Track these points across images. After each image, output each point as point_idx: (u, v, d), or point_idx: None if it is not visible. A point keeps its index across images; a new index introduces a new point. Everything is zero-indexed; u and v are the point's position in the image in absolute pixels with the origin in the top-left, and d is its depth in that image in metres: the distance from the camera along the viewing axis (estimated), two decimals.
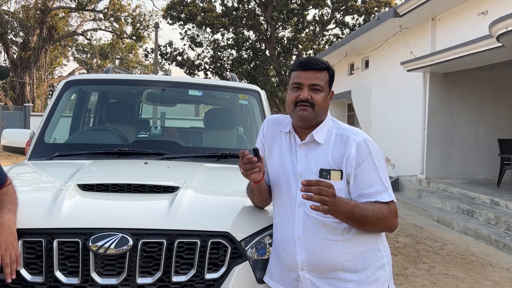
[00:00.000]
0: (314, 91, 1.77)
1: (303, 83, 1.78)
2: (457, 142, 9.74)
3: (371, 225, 1.70)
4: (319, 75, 1.78)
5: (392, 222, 1.75)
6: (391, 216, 1.73)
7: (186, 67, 26.94)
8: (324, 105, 1.80)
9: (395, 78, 11.07)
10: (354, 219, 1.67)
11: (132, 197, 2.08)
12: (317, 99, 1.77)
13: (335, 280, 1.72)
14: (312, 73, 1.78)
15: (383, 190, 1.73)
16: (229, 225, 1.91)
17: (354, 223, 1.69)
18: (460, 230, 6.91)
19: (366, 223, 1.68)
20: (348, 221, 1.69)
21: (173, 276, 1.80)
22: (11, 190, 1.87)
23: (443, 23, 9.32)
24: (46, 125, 3.17)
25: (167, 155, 2.91)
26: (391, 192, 1.75)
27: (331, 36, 27.34)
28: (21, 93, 26.94)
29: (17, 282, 1.75)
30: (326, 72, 1.81)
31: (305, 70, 1.79)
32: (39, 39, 27.14)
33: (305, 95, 1.76)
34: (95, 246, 1.75)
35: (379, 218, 1.69)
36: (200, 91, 3.47)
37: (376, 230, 1.76)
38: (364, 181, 1.72)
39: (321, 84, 1.78)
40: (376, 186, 1.72)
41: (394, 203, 1.75)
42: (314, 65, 1.78)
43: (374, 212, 1.69)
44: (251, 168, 1.74)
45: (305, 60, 1.82)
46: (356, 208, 1.67)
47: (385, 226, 1.74)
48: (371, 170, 1.72)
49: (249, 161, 1.73)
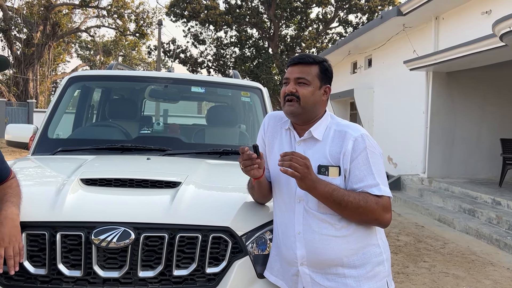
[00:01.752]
0: (299, 84, 1.79)
1: (290, 77, 1.81)
2: (460, 141, 9.74)
3: (353, 212, 1.70)
4: (306, 69, 1.79)
5: (380, 216, 1.72)
6: (378, 209, 1.71)
7: (189, 64, 26.96)
8: (311, 98, 1.79)
9: (398, 77, 11.06)
10: (334, 201, 1.67)
11: (134, 192, 2.10)
12: (302, 92, 1.77)
13: (334, 276, 1.74)
14: (299, 67, 1.80)
15: (374, 184, 1.72)
16: (230, 220, 1.93)
17: (335, 206, 1.69)
18: (461, 229, 6.92)
19: (346, 208, 1.68)
20: (328, 203, 1.69)
21: (174, 270, 1.82)
22: (15, 183, 1.88)
23: (446, 22, 9.30)
24: (49, 120, 3.19)
25: (169, 151, 2.93)
26: (383, 187, 1.73)
27: (335, 34, 27.31)
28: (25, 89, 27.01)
29: (20, 274, 1.78)
30: (316, 66, 1.81)
31: (293, 65, 1.82)
32: (43, 36, 27.20)
33: (289, 89, 1.78)
34: (98, 240, 1.77)
35: (361, 207, 1.68)
36: (202, 88, 3.49)
37: (361, 220, 1.74)
38: (355, 175, 1.73)
39: (307, 78, 1.79)
40: (367, 181, 1.72)
41: (386, 198, 1.73)
42: (301, 59, 1.80)
43: (356, 199, 1.68)
44: (250, 164, 1.76)
45: (295, 56, 1.85)
46: (337, 191, 1.68)
47: (370, 218, 1.73)
48: (364, 165, 1.73)
49: (249, 158, 1.75)
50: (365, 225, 1.77)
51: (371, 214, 1.71)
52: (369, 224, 1.77)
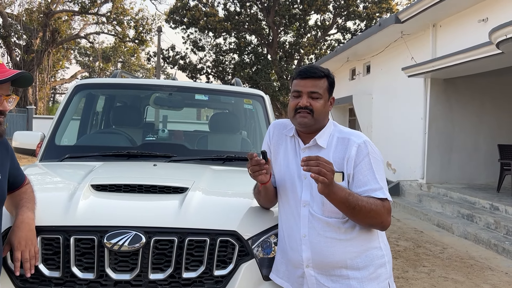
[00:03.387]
0: (312, 98, 1.86)
1: (302, 90, 1.87)
2: (458, 147, 9.83)
3: (364, 216, 1.76)
4: (318, 83, 1.87)
5: (385, 219, 1.80)
6: (384, 212, 1.79)
7: (188, 71, 27.07)
8: (323, 111, 1.88)
9: (396, 83, 11.16)
10: (349, 206, 1.73)
11: (144, 197, 2.16)
12: (316, 106, 1.85)
13: (338, 277, 1.81)
14: (311, 81, 1.87)
15: (378, 188, 1.80)
16: (236, 224, 2.00)
17: (349, 211, 1.75)
18: (460, 234, 6.98)
19: (360, 212, 1.74)
20: (343, 207, 1.74)
21: (184, 273, 1.89)
22: (29, 189, 1.95)
23: (444, 29, 9.42)
24: (56, 127, 3.26)
25: (174, 157, 3.00)
26: (386, 191, 1.81)
27: (333, 41, 27.48)
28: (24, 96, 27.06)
29: (35, 277, 1.84)
30: (325, 80, 1.89)
31: (304, 79, 1.88)
32: (42, 42, 27.31)
33: (304, 103, 1.85)
34: (110, 243, 1.83)
35: (372, 210, 1.75)
36: (206, 95, 3.56)
37: (369, 223, 1.81)
38: (359, 180, 1.80)
39: (320, 92, 1.86)
40: (371, 185, 1.80)
41: (388, 201, 1.81)
42: (312, 73, 1.87)
43: (368, 204, 1.75)
44: (259, 169, 1.83)
45: (305, 68, 1.90)
46: (352, 196, 1.74)
47: (378, 221, 1.79)
48: (367, 170, 1.80)
49: (258, 163, 1.82)
50: (369, 228, 1.84)
51: (379, 217, 1.78)
52: (374, 227, 1.84)
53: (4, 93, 1.60)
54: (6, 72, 1.58)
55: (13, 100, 1.65)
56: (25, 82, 1.66)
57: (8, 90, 1.62)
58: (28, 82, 1.67)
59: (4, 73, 1.57)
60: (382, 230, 1.88)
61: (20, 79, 1.63)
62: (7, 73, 1.58)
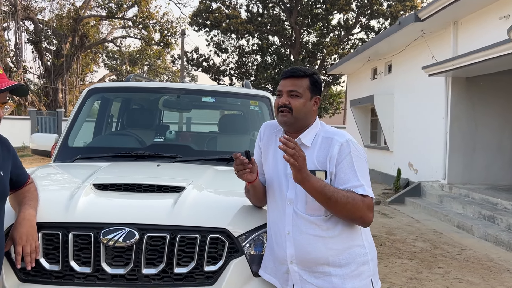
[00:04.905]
0: (292, 96, 1.92)
1: (283, 90, 1.94)
2: (481, 147, 9.61)
3: (342, 208, 1.79)
4: (297, 82, 1.93)
5: (365, 214, 1.82)
6: (363, 207, 1.81)
7: (212, 73, 27.37)
8: (303, 109, 1.93)
9: (418, 83, 11.00)
10: (325, 196, 1.77)
11: (141, 196, 2.27)
12: (294, 104, 1.91)
13: (320, 274, 1.85)
14: (291, 80, 1.94)
15: (359, 185, 1.83)
16: (227, 222, 2.08)
17: (326, 201, 1.78)
18: (480, 236, 6.85)
19: (337, 203, 1.77)
20: (320, 197, 1.78)
21: (175, 268, 1.98)
22: (32, 188, 2.08)
23: (465, 27, 9.24)
24: (70, 130, 3.41)
25: (179, 158, 3.10)
26: (367, 188, 1.84)
27: (357, 40, 27.23)
28: (54, 99, 27.98)
29: (37, 270, 1.96)
30: (307, 79, 1.95)
31: (285, 78, 1.96)
32: (72, 47, 28.15)
33: (282, 101, 1.92)
34: (105, 239, 1.94)
35: (349, 203, 1.78)
36: (212, 97, 3.66)
37: (348, 217, 1.83)
38: (341, 178, 1.84)
39: (299, 90, 1.92)
40: (352, 182, 1.83)
41: (370, 198, 1.83)
42: (292, 73, 1.94)
43: (345, 196, 1.78)
44: (243, 169, 1.91)
45: (287, 69, 1.98)
46: (328, 187, 1.79)
47: (357, 215, 1.82)
48: (349, 168, 1.84)
49: (241, 163, 1.90)
50: (351, 223, 1.87)
51: (357, 212, 1.80)
52: (354, 221, 1.86)
53: (1, 101, 1.72)
54: (4, 82, 1.69)
55: (9, 107, 1.77)
56: (22, 92, 1.78)
57: (4, 98, 1.74)
58: (25, 92, 1.79)
59: (1, 83, 1.68)
60: (364, 226, 1.90)
61: (18, 89, 1.75)
62: (4, 84, 1.69)
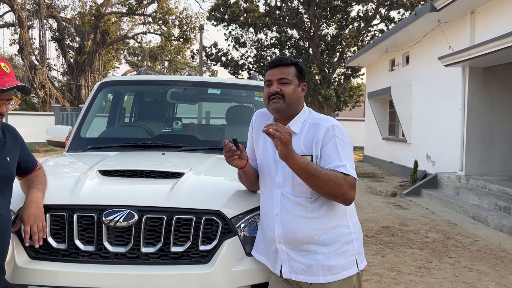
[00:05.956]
0: (282, 84, 2.02)
1: (272, 79, 2.04)
2: (499, 138, 9.46)
3: (323, 184, 1.84)
4: (286, 70, 2.03)
5: (346, 191, 1.87)
6: (345, 185, 1.87)
7: (230, 67, 27.50)
8: (294, 96, 2.03)
9: (435, 74, 10.87)
10: (308, 172, 1.84)
11: (143, 181, 2.41)
12: (286, 91, 2.01)
13: (307, 252, 1.96)
14: (279, 69, 2.03)
15: (341, 165, 1.90)
16: (221, 204, 2.20)
17: (309, 178, 1.85)
18: (495, 226, 6.79)
19: (319, 180, 1.84)
20: (303, 174, 1.85)
21: (172, 247, 2.12)
22: (41, 173, 2.24)
23: (482, 16, 9.08)
24: (82, 121, 3.59)
25: (185, 147, 3.24)
26: (350, 168, 1.91)
27: (376, 31, 26.88)
28: (77, 95, 28.63)
29: (45, 248, 2.13)
30: (293, 67, 2.05)
31: (273, 68, 2.05)
32: (94, 44, 28.72)
33: (274, 89, 2.01)
34: (107, 220, 2.09)
35: (331, 180, 1.84)
36: (218, 89, 3.77)
37: (330, 193, 1.89)
38: (324, 159, 1.93)
39: (288, 77, 2.02)
40: (335, 162, 1.91)
41: (352, 177, 1.90)
42: (280, 62, 2.04)
43: (327, 173, 1.86)
44: (231, 155, 2.02)
45: (274, 59, 2.09)
46: (311, 164, 1.87)
47: (338, 192, 1.87)
48: (333, 150, 1.93)
49: (230, 150, 2.02)
50: (333, 200, 1.94)
51: (339, 189, 1.87)
52: (336, 199, 1.92)
53: (6, 97, 1.87)
54: (8, 82, 1.84)
55: (14, 103, 1.92)
56: (25, 91, 1.93)
57: (10, 96, 1.89)
58: (27, 92, 1.94)
59: (6, 83, 1.82)
60: (346, 204, 1.97)
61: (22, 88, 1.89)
62: (8, 83, 1.83)
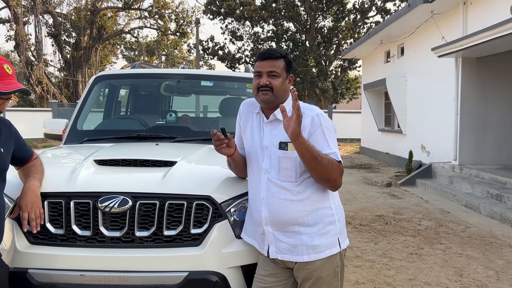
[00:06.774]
0: (272, 77, 2.11)
1: (262, 71, 2.13)
2: (492, 127, 9.58)
3: (323, 168, 1.97)
4: (275, 63, 2.12)
5: (338, 177, 2.03)
6: (337, 171, 2.02)
7: (227, 61, 27.52)
8: (281, 88, 2.13)
9: (429, 65, 10.97)
10: (313, 154, 1.95)
11: (136, 169, 2.51)
12: (274, 84, 2.11)
13: (292, 233, 2.07)
14: (269, 61, 2.12)
15: (332, 152, 2.04)
16: (211, 190, 2.31)
17: (312, 160, 1.96)
18: (486, 214, 6.93)
19: (321, 163, 1.96)
20: (307, 154, 1.95)
21: (165, 231, 2.22)
22: (37, 162, 2.35)
23: (474, 6, 9.16)
24: (78, 115, 3.69)
25: (178, 138, 3.34)
26: (338, 155, 2.05)
27: (372, 23, 26.92)
28: (75, 91, 28.65)
29: (44, 234, 2.23)
30: (282, 60, 2.14)
31: (263, 60, 2.14)
32: (90, 39, 28.68)
33: (263, 82, 2.11)
34: (103, 206, 2.19)
35: (330, 164, 1.99)
36: (211, 82, 3.87)
37: (325, 177, 2.01)
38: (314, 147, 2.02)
39: (278, 71, 2.12)
40: (325, 150, 2.03)
41: (341, 164, 2.05)
42: (270, 55, 2.13)
43: (327, 158, 1.99)
44: (220, 144, 2.12)
45: (264, 51, 2.17)
46: (315, 148, 1.99)
47: (333, 177, 2.01)
48: (321, 138, 2.05)
49: (218, 138, 2.13)
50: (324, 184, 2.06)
51: (334, 174, 2.01)
52: (328, 183, 2.05)
53: (6, 97, 1.98)
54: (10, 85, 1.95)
55: (12, 101, 2.02)
56: (26, 92, 2.04)
57: (10, 95, 1.99)
58: (27, 93, 2.07)
59: (8, 85, 1.94)
60: (333, 190, 2.09)
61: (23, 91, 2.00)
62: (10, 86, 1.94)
